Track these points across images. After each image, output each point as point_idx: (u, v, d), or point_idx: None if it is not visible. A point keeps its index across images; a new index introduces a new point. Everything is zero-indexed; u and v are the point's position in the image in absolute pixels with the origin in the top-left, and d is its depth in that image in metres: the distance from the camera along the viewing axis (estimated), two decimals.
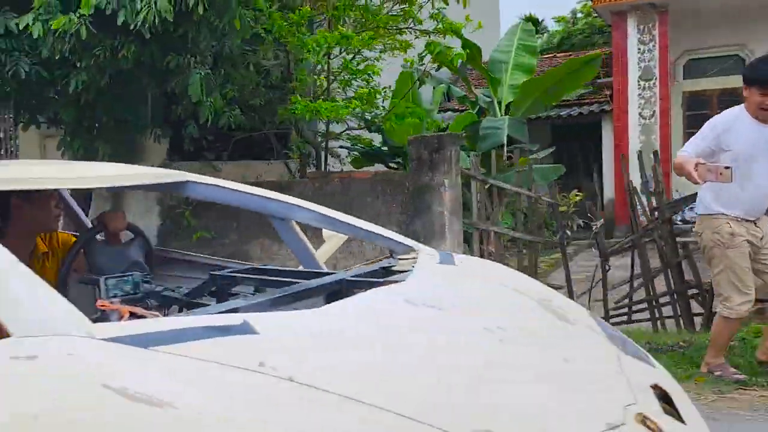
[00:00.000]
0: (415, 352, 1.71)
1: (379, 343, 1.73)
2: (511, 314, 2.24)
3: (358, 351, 1.66)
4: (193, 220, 7.81)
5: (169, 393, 1.24)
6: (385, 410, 1.37)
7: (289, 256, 6.17)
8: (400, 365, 1.62)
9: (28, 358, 1.27)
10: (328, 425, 1.29)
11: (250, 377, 1.35)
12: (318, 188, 7.60)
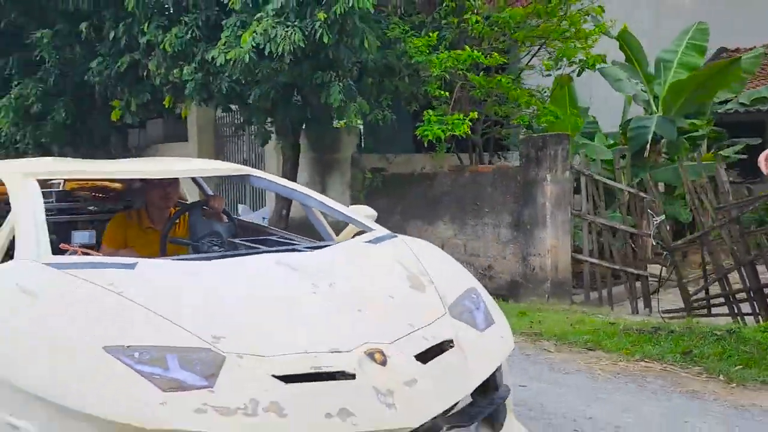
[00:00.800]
0: (234, 291, 2.71)
1: (216, 282, 2.77)
2: (359, 279, 3.00)
3: (195, 287, 2.71)
4: (364, 201, 9.76)
5: (42, 290, 2.58)
6: (164, 318, 2.43)
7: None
8: (213, 300, 2.62)
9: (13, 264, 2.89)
10: (123, 323, 2.41)
11: (96, 290, 2.54)
12: (454, 179, 9.01)
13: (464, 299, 3.08)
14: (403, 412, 2.40)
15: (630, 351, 4.92)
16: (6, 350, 2.46)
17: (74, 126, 13.22)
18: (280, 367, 2.38)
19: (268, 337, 2.51)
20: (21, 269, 2.82)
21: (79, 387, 2.27)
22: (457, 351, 2.73)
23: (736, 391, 4.11)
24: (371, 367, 2.47)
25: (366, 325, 2.68)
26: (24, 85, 12.48)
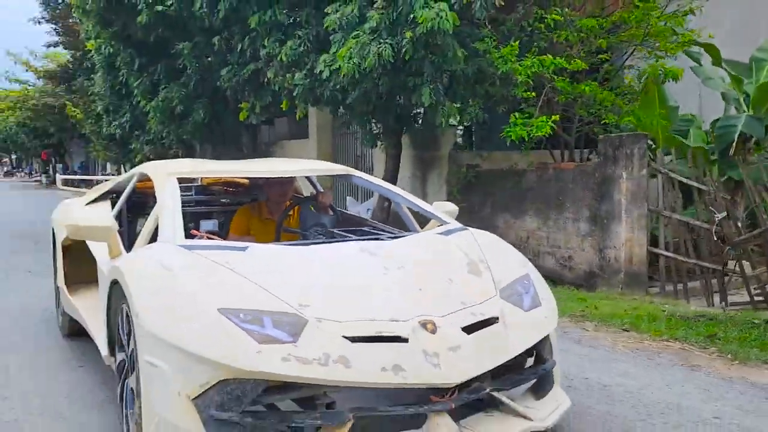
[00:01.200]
0: (321, 270, 3.45)
1: (308, 263, 3.52)
2: (424, 264, 3.65)
3: (290, 267, 3.45)
4: (457, 197, 10.65)
5: (174, 264, 3.36)
6: (264, 289, 3.16)
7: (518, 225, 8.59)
8: (304, 277, 3.34)
9: (155, 246, 3.79)
10: (233, 292, 3.14)
11: (215, 266, 3.31)
12: (539, 176, 9.69)
13: (516, 284, 3.63)
14: (445, 371, 3.00)
15: (659, 333, 5.53)
16: (150, 308, 3.23)
17: (210, 125, 14.99)
18: (349, 330, 3.05)
19: (342, 307, 3.20)
20: (161, 250, 3.67)
21: (199, 337, 2.98)
22: (500, 326, 3.32)
23: (734, 367, 4.68)
24: (423, 334, 3.08)
25: (423, 302, 3.30)
26: (169, 89, 14.36)
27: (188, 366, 2.96)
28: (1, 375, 4.70)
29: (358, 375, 2.92)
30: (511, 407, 3.29)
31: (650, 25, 9.13)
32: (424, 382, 2.99)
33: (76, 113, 26.73)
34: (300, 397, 3.07)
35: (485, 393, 3.21)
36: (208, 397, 2.91)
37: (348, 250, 3.85)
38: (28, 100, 36.85)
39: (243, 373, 2.88)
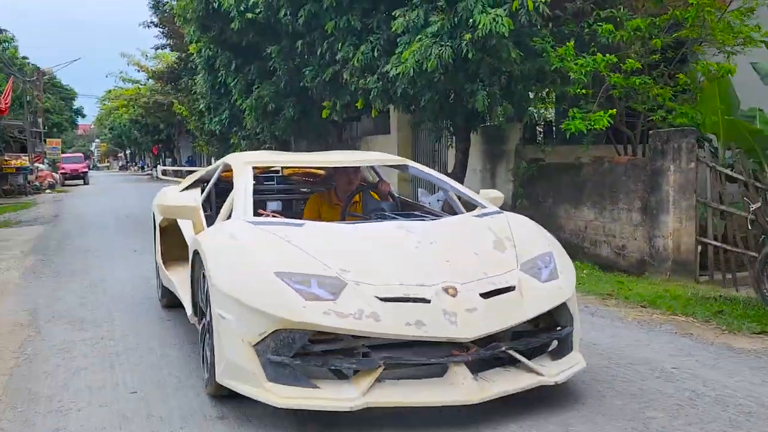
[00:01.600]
0: (363, 243, 4.16)
1: (352, 238, 4.26)
2: (454, 240, 4.32)
3: (337, 240, 4.18)
4: (520, 189, 11.34)
5: (242, 236, 4.24)
6: (313, 257, 3.87)
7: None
8: (348, 249, 4.04)
9: (229, 222, 4.65)
10: (288, 259, 3.87)
11: (274, 238, 4.11)
12: (595, 169, 10.25)
13: (537, 259, 4.20)
14: (461, 328, 3.62)
15: (671, 309, 6.13)
16: (221, 271, 4.00)
17: (300, 121, 16.17)
18: (381, 292, 3.71)
19: (377, 273, 3.86)
20: (233, 225, 4.50)
21: (258, 295, 3.69)
22: (516, 294, 3.89)
23: (722, 336, 5.26)
24: (444, 297, 3.71)
25: (449, 271, 3.92)
26: (262, 89, 15.64)
27: (250, 318, 3.66)
28: (109, 324, 5.90)
29: (385, 328, 3.57)
30: (525, 364, 3.84)
31: (707, 22, 9.50)
32: (442, 336, 3.61)
33: (182, 110, 28.87)
34: (342, 348, 3.69)
35: (501, 351, 3.79)
36: (265, 343, 3.59)
37: (388, 227, 4.56)
38: (139, 98, 39.64)
39: (292, 324, 3.55)
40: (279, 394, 3.52)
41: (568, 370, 3.95)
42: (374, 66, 10.48)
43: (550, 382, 3.82)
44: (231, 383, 3.74)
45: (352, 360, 3.64)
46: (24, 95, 36.50)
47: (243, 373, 3.65)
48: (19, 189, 27.91)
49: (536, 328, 4.11)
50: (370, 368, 3.60)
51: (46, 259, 9.95)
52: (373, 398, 3.53)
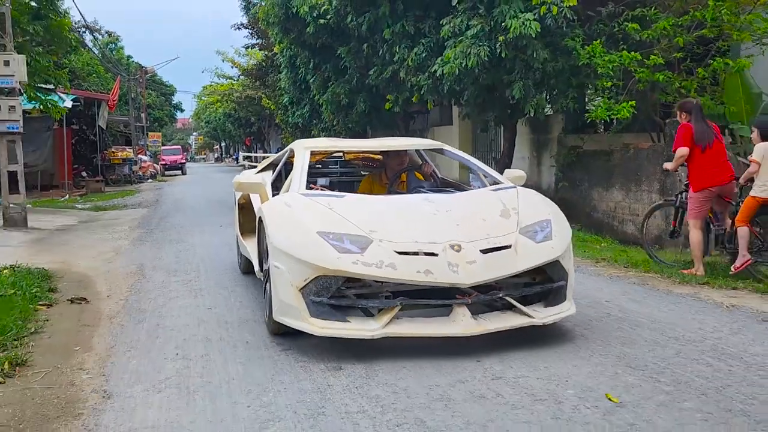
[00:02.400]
0: (390, 210, 5.19)
1: (381, 206, 5.31)
2: (467, 209, 5.25)
3: (369, 208, 5.25)
4: (560, 173, 12.64)
5: (294, 204, 5.30)
6: (348, 221, 4.87)
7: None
8: (377, 215, 5.05)
9: (286, 194, 5.77)
10: (328, 222, 4.88)
11: (319, 206, 5.19)
12: (622, 153, 11.45)
13: (536, 225, 5.05)
14: (461, 276, 4.50)
15: (648, 269, 7.40)
16: (276, 231, 4.97)
17: (370, 114, 17.85)
18: (399, 247, 4.63)
19: (398, 233, 4.79)
20: (288, 196, 5.54)
21: (303, 249, 4.65)
22: (511, 251, 4.76)
23: (671, 285, 6.52)
24: (450, 252, 4.61)
25: (457, 232, 4.82)
26: (336, 85, 17.41)
27: (297, 267, 4.61)
28: (195, 273, 7.72)
29: (400, 274, 4.51)
30: (519, 309, 4.71)
31: (723, 20, 10.53)
32: (445, 281, 4.52)
33: (270, 105, 31.17)
34: (369, 292, 4.63)
35: (498, 297, 4.71)
36: (308, 287, 4.53)
37: (414, 199, 5.58)
38: (233, 93, 42.41)
39: (329, 271, 4.51)
40: (318, 326, 4.48)
41: (557, 315, 4.80)
42: (425, 65, 12.02)
43: (538, 323, 4.67)
44: (283, 319, 4.70)
45: (376, 301, 4.61)
46: (129, 92, 39.80)
47: (292, 310, 4.61)
48: (124, 178, 30.85)
49: (533, 281, 4.92)
50: (389, 307, 4.55)
51: (149, 232, 12.02)
52: (391, 330, 4.45)
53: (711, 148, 7.37)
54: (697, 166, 7.45)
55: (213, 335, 5.12)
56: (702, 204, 7.46)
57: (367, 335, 4.42)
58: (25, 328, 5.15)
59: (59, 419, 3.52)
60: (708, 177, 7.33)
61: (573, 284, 5.06)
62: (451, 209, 5.22)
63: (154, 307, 6.06)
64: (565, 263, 4.94)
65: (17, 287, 6.36)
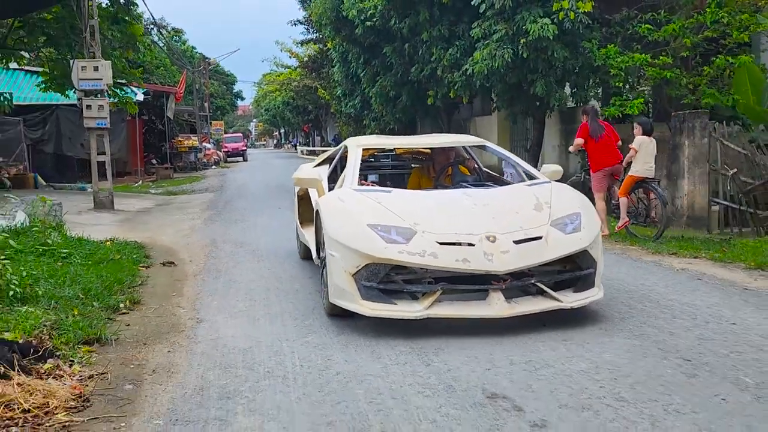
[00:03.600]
0: (433, 204, 5.74)
1: (425, 200, 5.87)
2: (503, 203, 5.75)
3: (414, 202, 5.81)
4: (583, 161, 14.02)
5: (347, 199, 5.91)
6: (395, 214, 5.43)
7: None
8: (420, 208, 5.59)
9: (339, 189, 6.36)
10: (377, 215, 5.43)
11: (369, 200, 5.78)
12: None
13: (566, 218, 5.48)
14: (495, 264, 4.98)
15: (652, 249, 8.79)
16: (331, 223, 5.49)
17: (415, 106, 19.45)
18: (440, 238, 5.13)
19: (439, 225, 5.28)
20: (341, 191, 6.10)
21: (355, 239, 5.19)
22: (542, 242, 5.21)
23: (680, 260, 7.96)
24: (485, 242, 5.09)
25: (492, 225, 5.27)
26: (384, 79, 19.08)
27: (349, 256, 5.15)
28: (257, 244, 9.51)
29: (441, 262, 5.02)
30: (549, 294, 5.17)
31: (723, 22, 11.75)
32: (481, 269, 5.01)
33: (325, 95, 33.08)
34: (414, 278, 5.16)
35: (530, 283, 5.19)
36: (360, 273, 5.08)
37: (454, 193, 6.11)
38: (291, 83, 44.50)
39: (377, 259, 5.05)
40: (369, 308, 5.04)
41: (584, 300, 5.24)
42: (459, 64, 13.58)
43: (566, 307, 5.11)
44: (338, 301, 5.27)
45: (419, 286, 5.14)
46: (194, 83, 42.22)
47: (345, 294, 5.16)
48: (190, 165, 33.22)
49: (564, 268, 5.37)
50: (431, 291, 5.08)
51: (217, 213, 13.96)
52: (432, 311, 4.98)
53: (602, 139, 9.91)
54: (593, 153, 10.04)
55: (271, 286, 6.88)
56: (600, 181, 10.08)
57: (411, 316, 4.97)
58: (134, 281, 6.98)
59: (170, 333, 5.29)
60: (601, 161, 9.95)
61: (601, 271, 5.54)
62: (488, 203, 5.74)
63: (227, 268, 7.86)
64: (594, 252, 5.39)
65: (121, 254, 8.24)
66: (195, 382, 4.17)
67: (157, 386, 4.11)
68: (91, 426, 3.55)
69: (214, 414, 3.68)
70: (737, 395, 3.74)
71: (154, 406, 3.81)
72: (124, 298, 6.19)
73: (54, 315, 5.27)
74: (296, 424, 3.53)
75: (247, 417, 3.63)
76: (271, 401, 3.84)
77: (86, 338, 4.89)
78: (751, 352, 4.45)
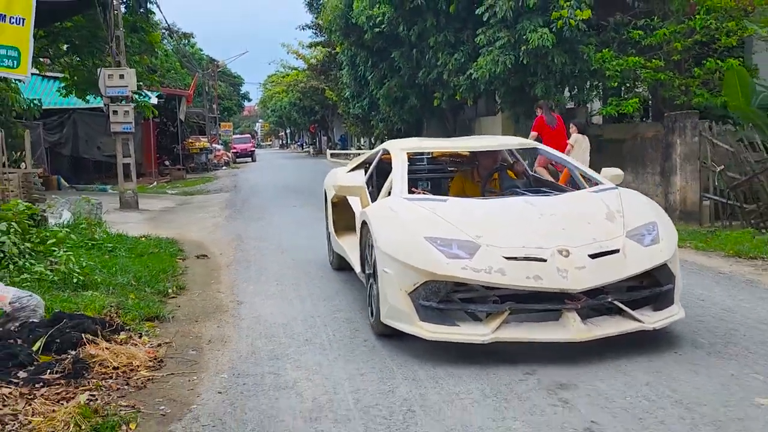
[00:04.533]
0: (494, 213, 5.25)
1: (485, 210, 5.36)
2: (571, 211, 5.24)
3: (473, 212, 5.30)
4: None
5: (399, 209, 5.42)
6: (453, 225, 4.96)
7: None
8: (481, 219, 5.11)
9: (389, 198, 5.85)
10: (434, 227, 4.99)
11: (424, 210, 5.30)
12: (632, 138, 13.63)
13: (642, 228, 4.98)
14: (570, 281, 4.50)
15: None
16: (383, 236, 5.10)
17: (422, 108, 20.34)
18: (507, 253, 4.66)
19: (504, 237, 4.82)
20: (392, 201, 5.65)
21: (412, 254, 4.76)
22: (620, 256, 4.73)
23: None
24: (558, 257, 4.60)
25: (563, 236, 4.81)
26: (391, 81, 19.98)
27: (406, 272, 4.72)
28: (278, 239, 10.39)
29: (509, 280, 4.53)
30: (629, 313, 4.67)
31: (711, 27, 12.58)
32: (555, 287, 4.50)
33: (332, 96, 34.02)
34: (478, 296, 4.67)
35: (607, 301, 4.65)
36: (417, 292, 4.64)
37: (516, 201, 5.59)
38: (298, 84, 45.41)
39: (438, 276, 4.59)
40: (428, 330, 4.61)
41: (666, 320, 4.78)
42: (464, 69, 14.46)
43: (648, 328, 4.65)
44: (392, 322, 4.87)
45: (485, 306, 4.66)
46: (203, 86, 43.20)
47: (401, 314, 4.75)
48: (202, 166, 34.16)
49: (641, 284, 4.87)
50: (498, 312, 4.60)
51: (236, 211, 14.88)
52: (500, 334, 4.52)
53: (555, 129, 11.60)
54: (546, 142, 11.05)
55: (298, 273, 7.77)
56: (547, 164, 11.33)
57: (477, 340, 4.55)
58: (176, 271, 7.88)
59: (215, 313, 6.17)
60: (554, 148, 10.76)
61: (681, 287, 5.12)
62: (555, 212, 5.29)
63: (255, 259, 8.76)
64: (673, 266, 4.96)
65: (158, 248, 9.14)
66: (247, 348, 5.07)
67: (215, 352, 5.01)
68: (169, 379, 4.44)
69: (267, 370, 4.57)
70: (691, 351, 4.63)
71: (216, 365, 4.70)
72: (171, 284, 7.09)
73: (114, 298, 6.16)
74: (335, 375, 4.42)
75: (294, 371, 4.52)
76: (313, 360, 4.73)
77: (147, 316, 5.79)
78: (712, 321, 5.31)
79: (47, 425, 3.60)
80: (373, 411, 3.87)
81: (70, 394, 4.02)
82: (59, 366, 4.36)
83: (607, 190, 5.73)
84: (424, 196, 5.95)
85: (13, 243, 6.77)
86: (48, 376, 4.25)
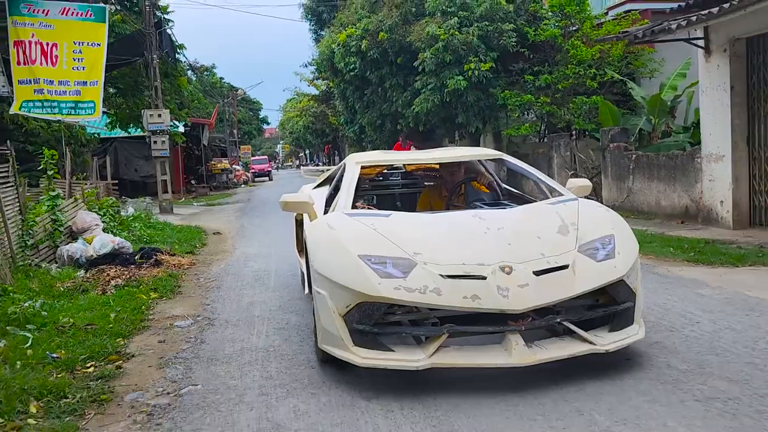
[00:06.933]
0: (436, 229, 5.03)
1: (429, 225, 5.18)
2: (521, 226, 5.00)
3: (416, 227, 5.11)
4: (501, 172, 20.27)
5: (337, 226, 5.19)
6: (392, 242, 4.69)
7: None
8: (423, 234, 4.89)
9: (330, 214, 5.71)
10: (371, 244, 4.73)
11: (362, 227, 5.06)
12: (533, 153, 18.89)
13: (597, 242, 4.79)
14: (512, 301, 4.29)
15: None
16: (316, 254, 5.02)
17: (396, 132, 25.82)
18: (445, 270, 4.45)
19: (444, 254, 4.60)
20: (331, 216, 5.52)
21: (345, 273, 4.57)
22: (569, 272, 4.51)
23: None
24: (500, 274, 4.39)
25: (508, 252, 4.60)
26: (371, 112, 25.49)
27: (339, 293, 4.54)
28: (270, 227, 15.86)
29: (445, 300, 4.34)
30: (580, 334, 4.45)
31: (581, 74, 17.87)
32: (494, 308, 4.31)
33: (334, 121, 39.70)
34: (416, 318, 4.56)
35: (556, 322, 4.47)
36: (351, 314, 4.47)
37: (464, 216, 5.33)
38: (310, 109, 51.23)
39: (370, 297, 4.40)
40: (361, 356, 4.44)
41: (622, 341, 4.53)
42: (411, 104, 19.97)
43: (600, 350, 4.42)
44: (327, 347, 4.73)
45: (421, 329, 4.50)
46: (224, 113, 49.15)
47: (334, 339, 4.58)
48: (223, 185, 39.90)
49: (596, 303, 4.65)
50: (436, 335, 4.39)
51: (244, 214, 20.62)
52: (437, 360, 4.32)
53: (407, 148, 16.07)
54: None
55: (273, 240, 13.20)
56: None
57: (411, 366, 4.32)
58: (202, 239, 13.48)
59: (223, 252, 11.75)
60: None
61: (641, 306, 4.89)
62: (504, 226, 5.01)
63: (252, 235, 14.34)
64: (631, 283, 4.72)
65: (190, 230, 14.76)
66: (234, 261, 10.63)
67: (220, 262, 10.57)
68: (199, 269, 9.96)
69: (242, 266, 10.12)
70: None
71: (221, 263, 10.27)
72: (198, 243, 12.66)
73: (169, 247, 11.69)
74: (284, 264, 9.88)
75: (257, 263, 10.07)
76: (275, 263, 10.17)
77: (187, 251, 11.37)
78: None
79: (148, 278, 9.07)
80: None
81: (155, 271, 9.49)
82: (147, 263, 9.86)
83: (566, 201, 5.56)
84: (366, 212, 5.83)
85: (109, 220, 12.39)
86: (145, 265, 9.77)
